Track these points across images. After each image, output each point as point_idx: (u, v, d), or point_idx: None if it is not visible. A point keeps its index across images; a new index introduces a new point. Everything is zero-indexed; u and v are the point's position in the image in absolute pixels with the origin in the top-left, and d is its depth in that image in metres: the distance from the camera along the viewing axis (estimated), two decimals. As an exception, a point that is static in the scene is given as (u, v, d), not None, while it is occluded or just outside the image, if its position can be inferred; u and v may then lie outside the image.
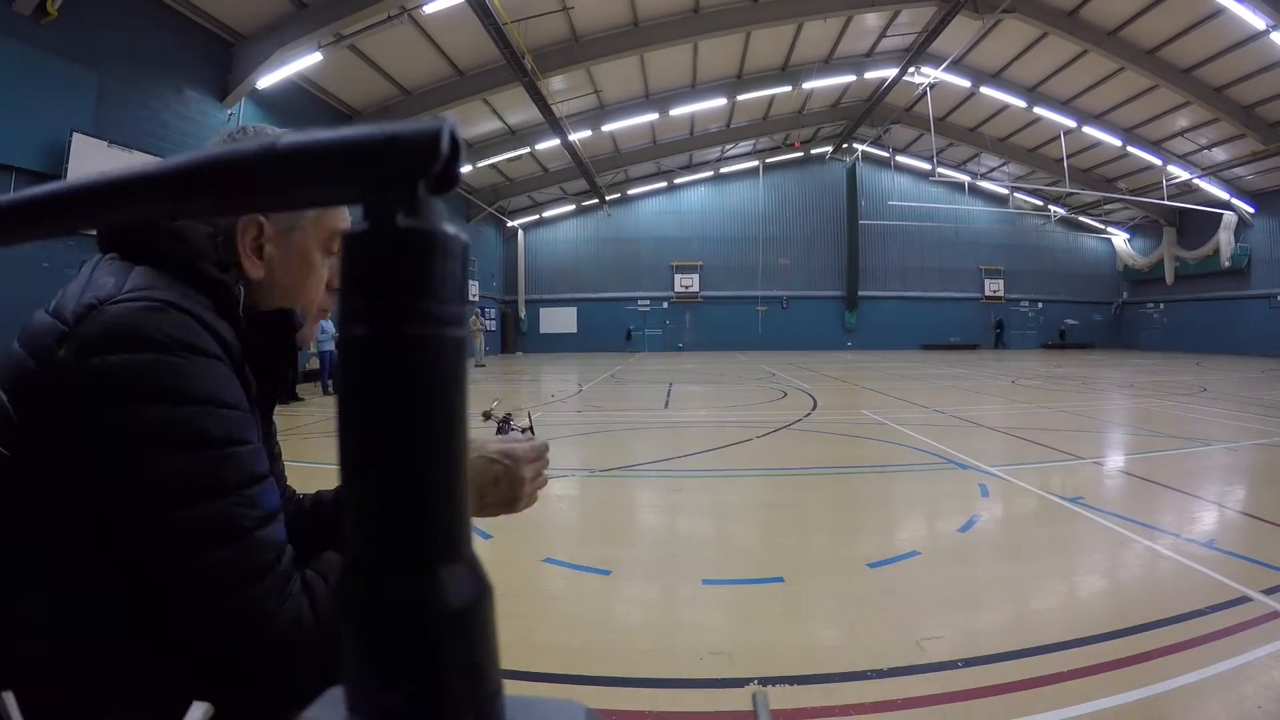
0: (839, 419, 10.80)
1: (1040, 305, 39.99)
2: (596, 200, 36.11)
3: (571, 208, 38.59)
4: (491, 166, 29.33)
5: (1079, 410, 11.59)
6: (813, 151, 38.37)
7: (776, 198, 39.29)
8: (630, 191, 38.55)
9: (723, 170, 38.61)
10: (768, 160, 38.39)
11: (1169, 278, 35.46)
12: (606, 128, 27.59)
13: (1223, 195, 30.01)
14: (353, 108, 21.42)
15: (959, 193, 36.13)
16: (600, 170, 32.37)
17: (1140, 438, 9.06)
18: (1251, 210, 30.35)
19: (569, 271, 39.44)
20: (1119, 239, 38.97)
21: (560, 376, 21.28)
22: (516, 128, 26.36)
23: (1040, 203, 37.89)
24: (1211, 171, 28.73)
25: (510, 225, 37.38)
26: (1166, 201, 29.30)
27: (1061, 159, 29.00)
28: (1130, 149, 28.70)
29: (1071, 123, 27.78)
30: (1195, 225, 32.61)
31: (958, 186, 36.13)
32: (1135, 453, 8.04)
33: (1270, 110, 23.94)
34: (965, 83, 27.05)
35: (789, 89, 27.65)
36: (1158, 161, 28.91)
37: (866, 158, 37.47)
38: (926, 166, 33.12)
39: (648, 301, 39.21)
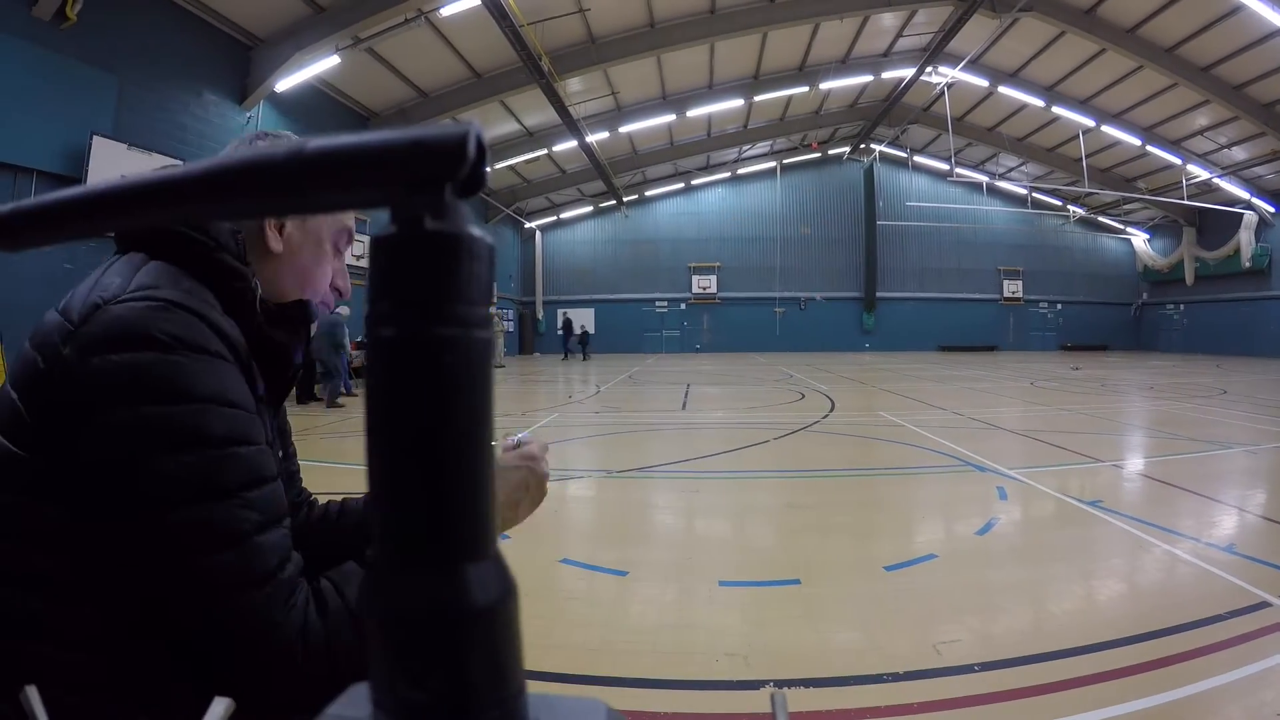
0: (857, 421, 10.77)
1: (1059, 306, 39.70)
2: (614, 201, 36.12)
3: (589, 209, 38.65)
4: (509, 168, 29.43)
5: (1098, 412, 11.51)
6: (830, 152, 38.27)
7: (794, 198, 39.22)
8: (648, 193, 38.57)
9: (740, 171, 38.57)
10: (785, 161, 38.31)
11: (1189, 278, 35.14)
12: (624, 129, 27.63)
13: (1243, 195, 29.72)
14: (370, 110, 21.54)
15: (977, 193, 35.99)
16: (618, 171, 32.41)
17: (1159, 440, 8.99)
18: (1272, 210, 29.99)
19: (586, 273, 39.49)
20: (1138, 239, 38.64)
21: (578, 377, 21.30)
22: (534, 129, 26.42)
23: (1059, 203, 37.64)
24: (1231, 171, 28.46)
25: (528, 227, 37.46)
26: (1186, 201, 29.08)
27: (1080, 158, 28.83)
28: (1149, 148, 28.47)
29: (1090, 122, 27.58)
30: (1215, 225, 32.30)
31: (976, 186, 35.98)
32: (1154, 456, 7.97)
33: (1289, 108, 23.71)
34: (983, 82, 26.93)
35: (806, 89, 27.60)
36: (1177, 161, 28.68)
37: (884, 158, 37.34)
38: (944, 167, 33.03)
39: (665, 303, 39.21)
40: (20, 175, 11.02)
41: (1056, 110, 27.59)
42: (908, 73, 26.45)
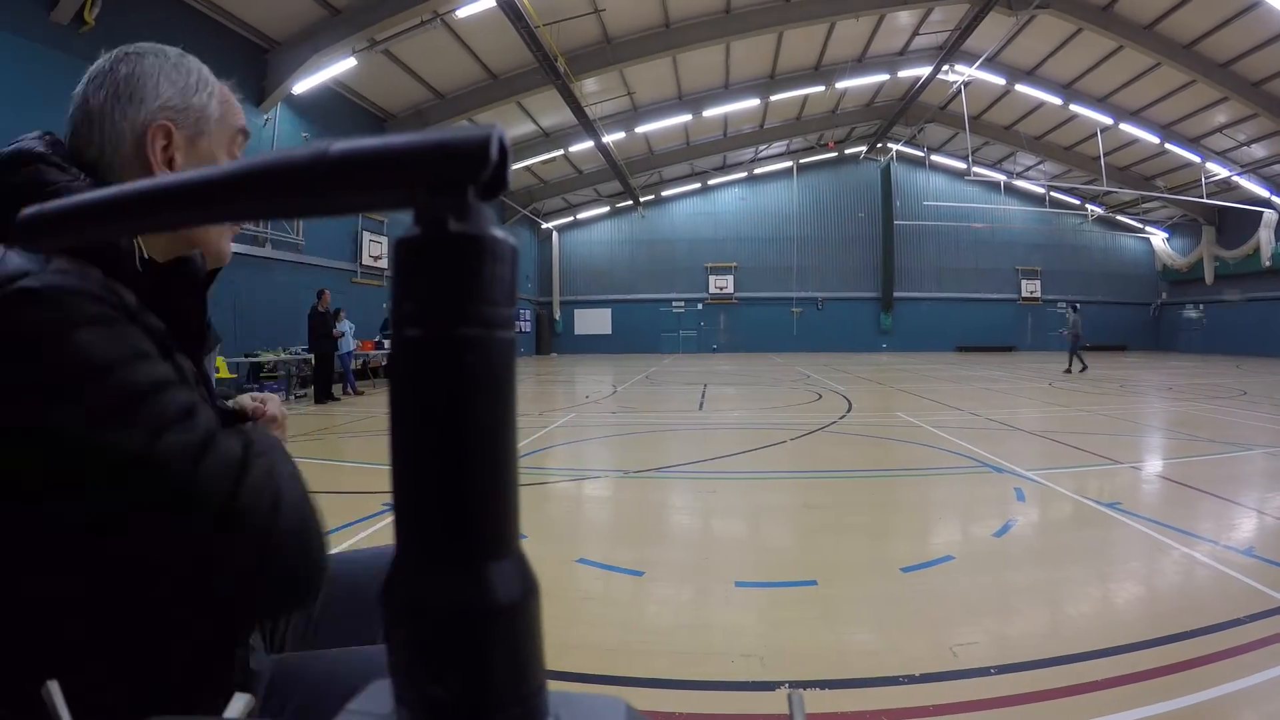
0: (874, 421, 10.75)
1: (1078, 306, 39.33)
2: (630, 202, 36.14)
3: (605, 209, 38.67)
4: (526, 169, 29.53)
5: (1116, 413, 11.44)
6: (847, 151, 38.11)
7: (811, 198, 39.08)
8: (664, 193, 38.55)
9: (756, 171, 38.47)
10: (802, 161, 38.19)
11: (1208, 278, 34.72)
12: (640, 129, 27.65)
13: (1263, 193, 29.30)
14: (387, 111, 21.67)
15: (995, 192, 35.75)
16: (634, 172, 32.43)
17: (1178, 442, 8.92)
18: (1292, 208, 29.68)
19: (603, 273, 39.50)
20: (1157, 238, 38.20)
21: (595, 378, 21.33)
22: (550, 130, 26.48)
23: (1078, 201, 37.36)
24: (1251, 168, 28.13)
25: (545, 227, 37.53)
26: (1205, 200, 28.76)
27: (1098, 157, 28.56)
28: (1168, 146, 28.18)
29: (1108, 120, 27.33)
30: (1235, 224, 31.87)
31: (993, 186, 35.78)
32: (1173, 457, 7.92)
33: (1310, 106, 23.46)
34: (1000, 80, 26.76)
35: (822, 89, 27.53)
36: (1196, 159, 28.38)
37: (901, 157, 37.17)
38: (962, 166, 32.81)
39: (682, 303, 39.16)
40: (40, 178, 11.08)
41: (1074, 108, 27.37)
42: (924, 71, 26.33)
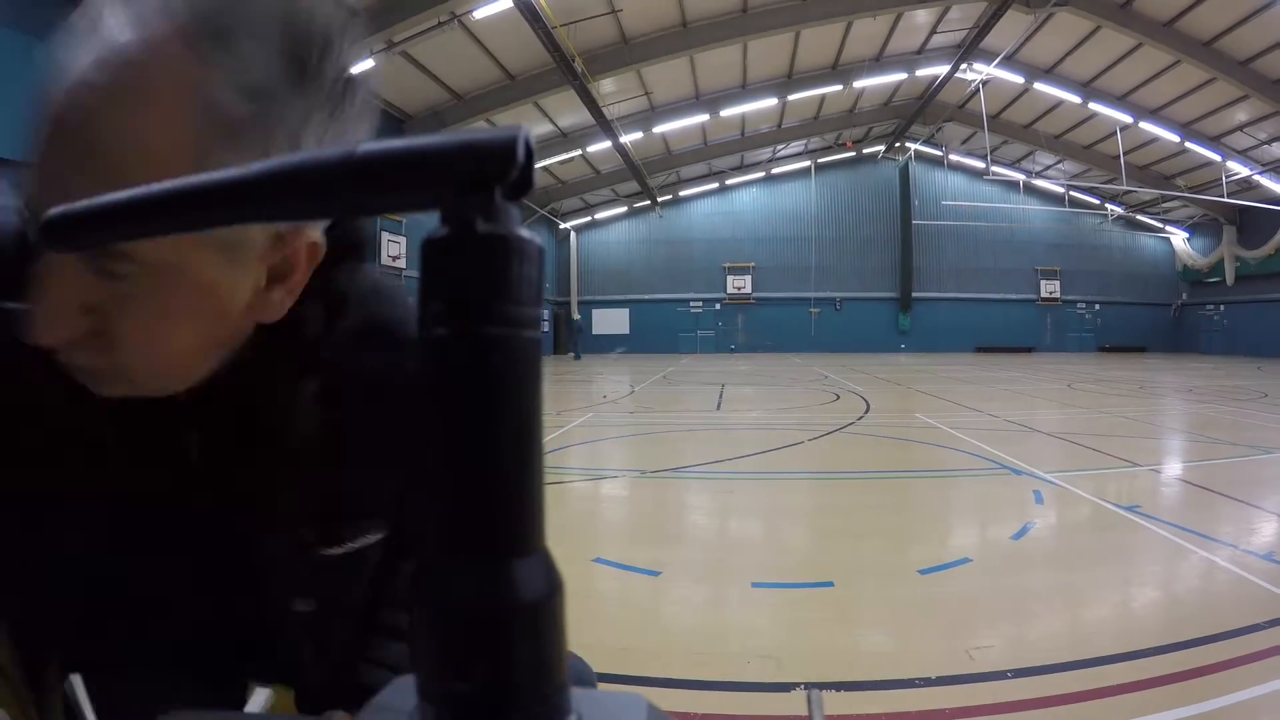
0: (892, 422, 10.71)
1: (1097, 307, 39.09)
2: (648, 202, 36.18)
3: (623, 209, 38.74)
4: (543, 169, 29.55)
5: (1136, 415, 11.36)
6: (865, 151, 38.03)
7: (829, 198, 39.01)
8: (682, 193, 38.58)
9: (774, 171, 38.45)
10: (819, 160, 38.14)
11: (1229, 278, 34.37)
12: (657, 129, 27.67)
13: (1284, 192, 29.10)
14: (405, 113, 21.75)
15: (1014, 191, 35.52)
16: (652, 172, 32.45)
17: (1199, 444, 8.85)
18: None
19: (621, 273, 39.57)
20: (1177, 238, 37.88)
21: (613, 378, 21.36)
22: (568, 130, 26.52)
23: (1097, 201, 37.07)
24: (1272, 167, 27.81)
25: (563, 227, 37.61)
26: (1226, 199, 28.46)
27: (1118, 156, 28.31)
28: (1188, 144, 27.93)
29: (1127, 118, 27.10)
30: (1256, 223, 31.52)
31: (1012, 185, 35.57)
32: (1193, 460, 7.86)
33: (1331, 103, 23.20)
34: (1018, 78, 26.59)
35: (840, 88, 27.47)
36: (1216, 157, 28.12)
37: (919, 156, 37.07)
38: (980, 165, 32.64)
39: (700, 303, 39.19)
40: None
41: (1093, 106, 27.18)
42: (942, 70, 26.22)
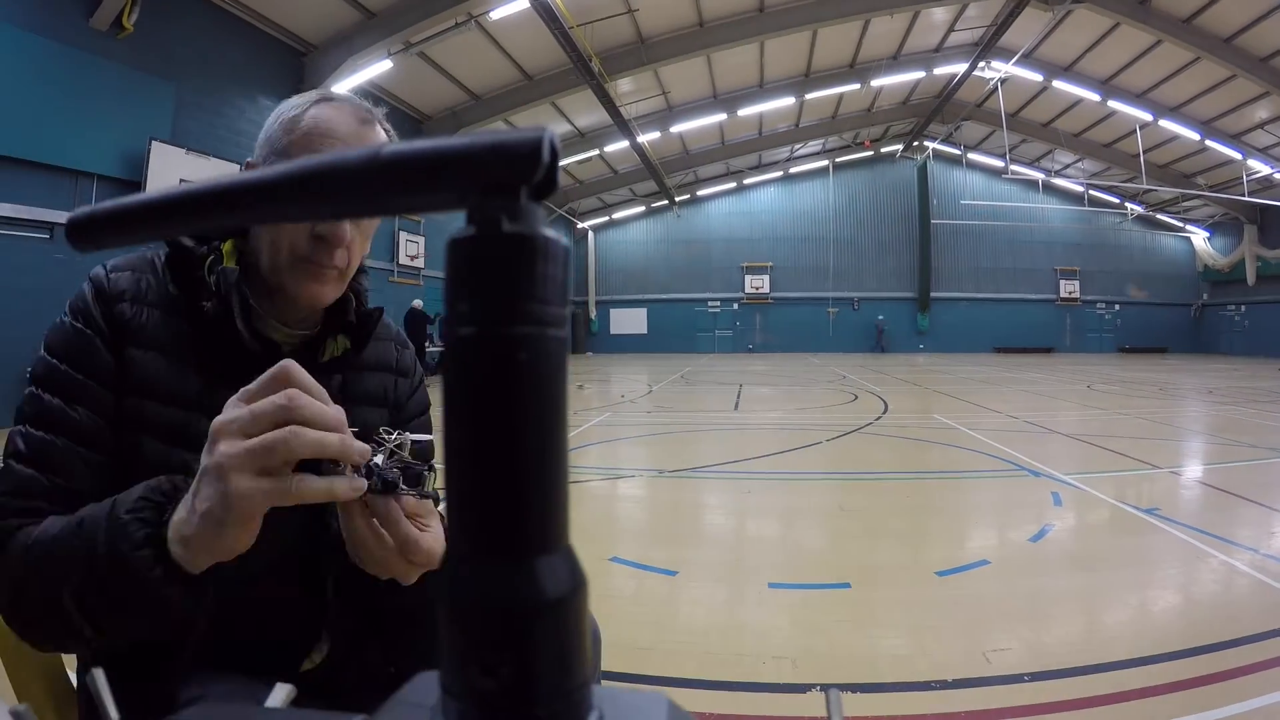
0: (910, 423, 10.68)
1: (1117, 307, 38.72)
2: (666, 201, 36.09)
3: (641, 209, 38.68)
4: (561, 168, 29.04)
5: (1156, 417, 11.28)
6: (883, 150, 37.78)
7: (847, 197, 38.81)
8: (699, 192, 38.48)
9: (792, 170, 38.26)
10: (837, 160, 37.94)
11: (1250, 278, 33.83)
12: (675, 129, 27.61)
13: (1305, 191, 28.75)
14: (423, 113, 21.84)
15: (1033, 190, 35.16)
16: (669, 171, 32.42)
17: (1219, 447, 8.78)
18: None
19: (639, 273, 39.52)
20: (1198, 237, 37.30)
21: (630, 377, 21.39)
22: (585, 130, 26.55)
23: (1117, 200, 36.72)
24: (1293, 166, 27.56)
25: (580, 227, 37.63)
26: (1247, 198, 28.14)
27: (1138, 154, 28.01)
28: (1208, 143, 27.54)
29: (1147, 116, 26.75)
30: (1277, 223, 31.13)
31: (1031, 184, 35.20)
32: (1214, 462, 7.80)
33: (1351, 100, 22.93)
34: (1037, 76, 26.30)
35: (857, 87, 27.30)
36: (1237, 155, 27.73)
37: (937, 155, 36.82)
38: (999, 164, 32.35)
39: (718, 303, 39.08)
40: (82, 180, 11.42)
41: (1112, 104, 26.84)
42: (960, 68, 26.02)
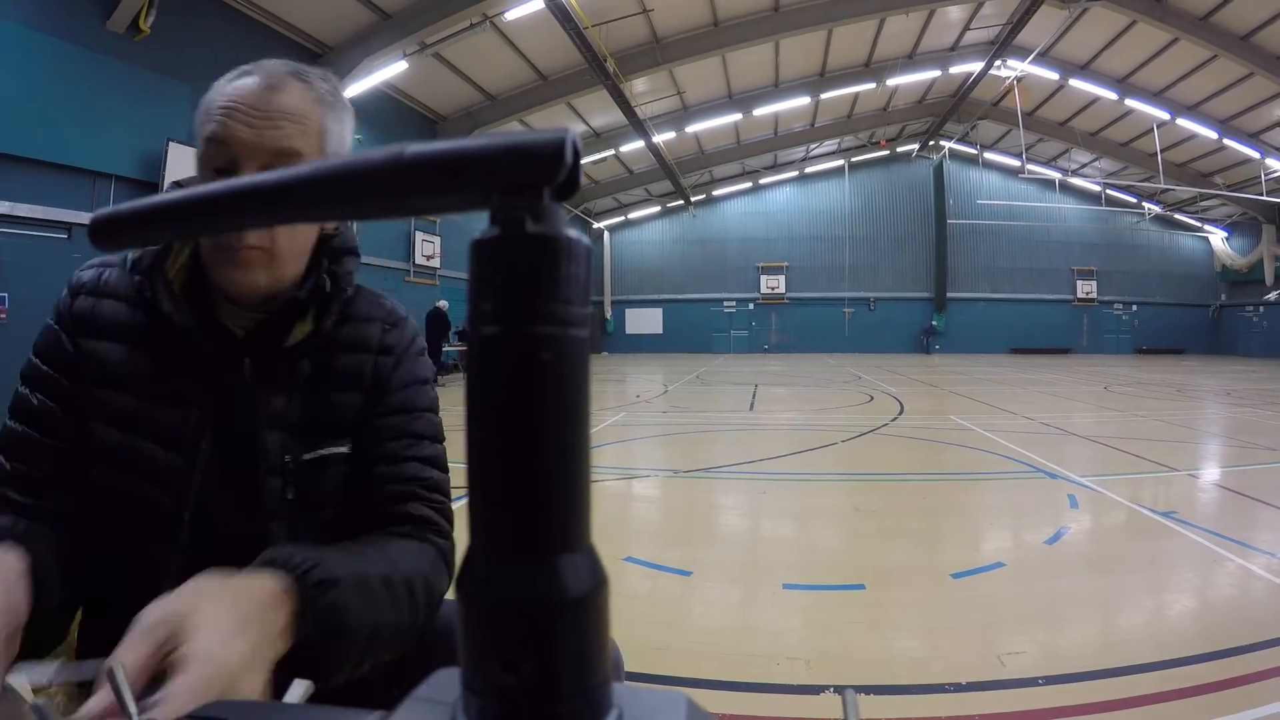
0: (926, 424, 10.65)
1: (1134, 308, 38.42)
2: (681, 201, 36.12)
3: (656, 209, 38.70)
4: (578, 169, 29.63)
5: (1173, 419, 11.20)
6: (899, 150, 37.66)
7: (863, 197, 38.68)
8: (715, 192, 38.47)
9: (808, 170, 38.18)
10: (853, 159, 37.83)
11: (1269, 278, 33.49)
12: (690, 129, 27.60)
13: (1325, 190, 28.44)
14: (439, 114, 21.92)
15: (1049, 190, 34.89)
16: (685, 171, 32.42)
17: (1238, 449, 8.71)
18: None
19: (655, 273, 39.55)
20: (1216, 237, 36.95)
21: (646, 377, 21.40)
22: (600, 130, 26.59)
23: (1134, 199, 36.43)
24: (1312, 166, 27.26)
25: (596, 227, 37.68)
26: (1265, 197, 27.87)
27: (1155, 153, 27.78)
28: (1226, 141, 27.28)
29: (1164, 114, 26.51)
30: (1297, 223, 30.95)
31: (1048, 184, 34.93)
32: (1232, 465, 7.74)
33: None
34: (1053, 75, 26.15)
35: (873, 86, 27.20)
36: (1255, 154, 27.45)
37: (954, 155, 36.66)
38: (1015, 163, 32.14)
39: (733, 303, 39.06)
40: (100, 180, 11.55)
41: (1129, 103, 26.61)
42: (976, 67, 25.88)
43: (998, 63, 24.92)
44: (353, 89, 16.75)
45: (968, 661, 3.00)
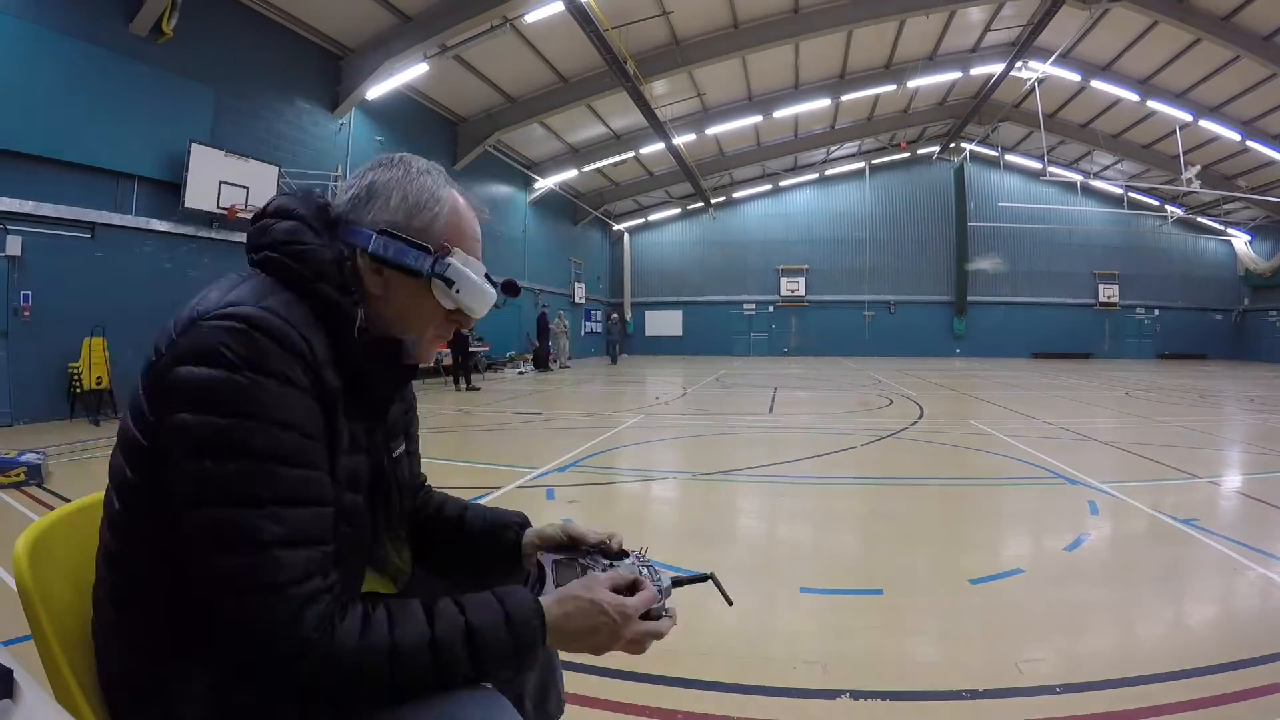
0: (946, 429, 10.59)
1: (1156, 312, 38.03)
2: (701, 203, 36.15)
3: (676, 211, 38.76)
4: (597, 171, 29.76)
5: (1195, 425, 11.09)
6: (919, 152, 37.52)
7: (883, 199, 38.58)
8: (735, 194, 38.50)
9: (828, 172, 38.16)
10: (874, 161, 37.75)
11: (1291, 282, 33.24)
12: (710, 131, 27.67)
13: (1348, 194, 28.04)
14: (459, 115, 22.10)
15: (1071, 193, 34.62)
16: (705, 173, 32.45)
17: (1261, 456, 8.60)
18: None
19: (674, 274, 39.63)
20: (1239, 241, 36.52)
21: (666, 379, 21.39)
22: (621, 132, 26.67)
23: (1156, 202, 36.06)
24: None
25: (616, 229, 37.78)
26: (1288, 200, 27.61)
27: (1178, 155, 27.48)
28: (1249, 143, 27.01)
29: (1187, 116, 26.24)
30: (1320, 226, 30.52)
31: (1070, 186, 34.62)
32: (1254, 472, 7.64)
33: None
34: (1074, 76, 25.96)
35: (893, 88, 27.18)
36: (1279, 156, 27.29)
37: (974, 157, 36.46)
38: (1037, 165, 31.92)
39: (753, 305, 39.05)
40: (123, 180, 11.71)
41: (1151, 104, 26.38)
42: (997, 68, 25.76)
43: (1019, 64, 24.79)
44: (374, 91, 16.91)
45: (985, 668, 2.98)
